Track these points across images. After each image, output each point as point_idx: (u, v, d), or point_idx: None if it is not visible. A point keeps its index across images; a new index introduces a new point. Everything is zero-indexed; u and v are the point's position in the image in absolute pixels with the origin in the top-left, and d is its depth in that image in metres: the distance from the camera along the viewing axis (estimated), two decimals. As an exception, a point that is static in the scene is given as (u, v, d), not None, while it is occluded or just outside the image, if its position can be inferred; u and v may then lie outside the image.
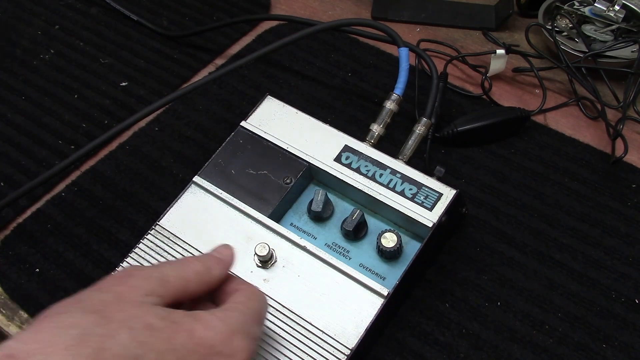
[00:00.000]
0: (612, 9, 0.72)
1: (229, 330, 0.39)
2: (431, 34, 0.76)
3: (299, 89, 0.69)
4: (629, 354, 0.49)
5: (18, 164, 0.64)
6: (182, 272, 0.41)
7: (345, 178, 0.52)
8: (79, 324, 0.35)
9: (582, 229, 0.57)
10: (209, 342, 0.38)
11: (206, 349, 0.37)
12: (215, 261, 0.43)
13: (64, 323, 0.35)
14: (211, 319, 0.39)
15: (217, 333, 0.38)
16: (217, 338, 0.38)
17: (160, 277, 0.40)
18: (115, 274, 0.40)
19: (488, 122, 0.62)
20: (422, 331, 0.51)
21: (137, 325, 0.36)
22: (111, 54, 0.75)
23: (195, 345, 0.37)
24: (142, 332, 0.36)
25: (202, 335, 0.38)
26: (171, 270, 0.41)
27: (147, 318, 0.36)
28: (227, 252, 0.45)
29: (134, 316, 0.36)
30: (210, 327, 0.38)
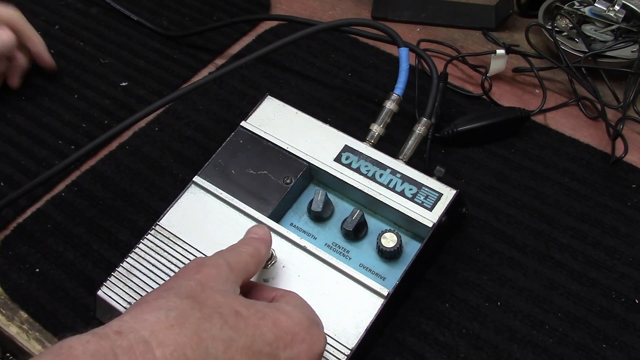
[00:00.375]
0: (612, 9, 0.72)
1: (308, 320, 0.42)
2: (431, 34, 0.76)
3: (299, 89, 0.69)
4: (629, 354, 0.49)
5: (18, 164, 0.64)
6: (241, 257, 0.44)
7: (345, 178, 0.52)
8: (177, 307, 0.37)
9: (582, 229, 0.57)
10: (292, 329, 0.40)
11: (290, 336, 0.40)
12: (259, 241, 0.46)
13: (164, 306, 0.37)
14: (291, 310, 0.42)
15: (299, 322, 0.41)
16: (299, 327, 0.41)
17: (226, 264, 0.42)
18: (188, 264, 0.43)
19: (488, 122, 0.62)
20: (422, 331, 0.51)
21: (227, 311, 0.38)
22: (111, 54, 0.75)
23: (281, 332, 0.40)
24: (232, 317, 0.38)
25: (286, 323, 0.40)
26: (232, 257, 0.43)
27: (234, 305, 0.39)
28: (264, 232, 0.48)
29: (222, 303, 0.39)
30: (292, 317, 0.41)
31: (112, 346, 0.34)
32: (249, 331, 0.38)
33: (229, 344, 0.37)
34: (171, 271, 0.50)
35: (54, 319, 0.53)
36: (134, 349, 0.34)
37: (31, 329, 0.53)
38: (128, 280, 0.50)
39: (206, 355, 0.36)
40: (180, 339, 0.35)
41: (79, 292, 0.54)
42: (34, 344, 0.52)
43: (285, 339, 0.40)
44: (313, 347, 0.41)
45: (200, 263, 0.42)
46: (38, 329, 0.53)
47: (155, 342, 0.35)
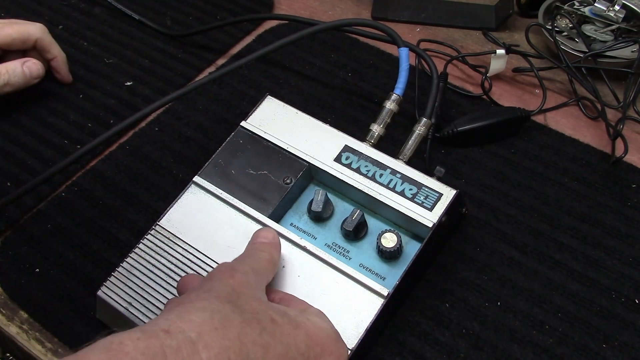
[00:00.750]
0: (612, 9, 0.72)
1: (335, 333, 0.43)
2: (431, 34, 0.76)
3: (299, 89, 0.69)
4: (629, 354, 0.49)
5: (24, 163, 0.64)
6: (261, 263, 0.45)
7: (345, 178, 0.52)
8: (220, 310, 0.38)
9: (582, 229, 0.57)
10: (322, 341, 0.42)
11: (320, 348, 0.41)
12: (271, 247, 0.47)
13: (207, 307, 0.38)
14: (319, 321, 0.43)
15: (327, 335, 0.43)
16: (328, 339, 0.42)
17: (252, 270, 0.43)
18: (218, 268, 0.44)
19: (488, 122, 0.62)
20: (422, 331, 0.51)
21: (264, 318, 0.39)
22: (115, 53, 0.75)
23: (312, 343, 0.41)
24: (269, 324, 0.39)
25: (317, 334, 0.42)
26: (254, 263, 0.44)
27: (269, 313, 0.40)
28: (272, 235, 0.48)
29: (259, 310, 0.40)
30: (321, 328, 0.43)
31: (162, 345, 0.34)
32: (284, 339, 0.39)
33: (266, 350, 0.38)
34: (171, 271, 0.50)
35: (54, 319, 0.53)
36: (181, 349, 0.35)
37: (31, 329, 0.53)
38: (128, 280, 0.51)
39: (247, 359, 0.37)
40: (224, 342, 0.36)
41: (79, 292, 0.54)
42: (34, 344, 0.52)
43: (316, 350, 0.41)
44: (340, 358, 0.42)
45: (230, 268, 0.43)
46: (38, 329, 0.53)
47: (202, 344, 0.35)
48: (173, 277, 0.50)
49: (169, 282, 0.50)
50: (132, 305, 0.50)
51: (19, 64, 0.65)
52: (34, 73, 0.66)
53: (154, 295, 0.50)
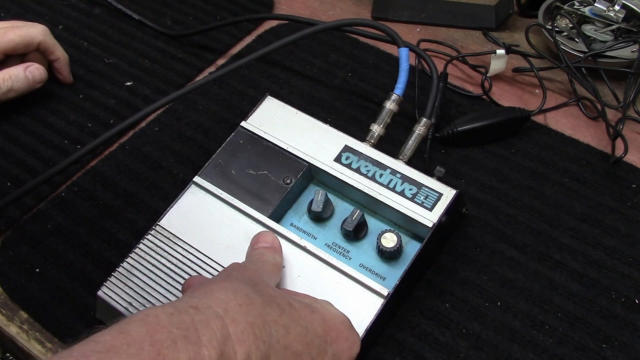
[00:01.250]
0: (612, 9, 0.72)
1: (347, 320, 0.45)
2: (431, 34, 0.76)
3: (299, 89, 0.69)
4: (629, 354, 0.49)
5: (24, 163, 0.64)
6: (267, 267, 0.46)
7: (345, 178, 0.52)
8: (242, 290, 0.39)
9: (582, 229, 0.57)
10: (338, 327, 0.43)
11: (336, 333, 0.43)
12: (273, 250, 0.48)
13: (230, 287, 0.39)
14: (333, 309, 0.45)
15: (342, 321, 0.44)
16: (343, 325, 0.44)
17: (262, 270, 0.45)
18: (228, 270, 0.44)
19: (488, 122, 0.62)
20: (422, 331, 0.51)
21: (282, 302, 0.41)
22: (115, 53, 0.75)
23: (328, 327, 0.42)
24: (287, 307, 0.41)
25: (333, 320, 0.43)
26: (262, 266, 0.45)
27: (287, 299, 0.42)
28: (271, 239, 0.49)
29: (277, 294, 0.41)
30: (336, 315, 0.44)
31: (192, 320, 0.36)
32: (302, 322, 0.40)
33: (287, 330, 0.39)
34: (171, 271, 0.50)
35: (54, 319, 0.53)
36: (210, 323, 0.36)
37: (31, 329, 0.53)
38: (128, 281, 0.51)
39: (270, 337, 0.38)
40: (249, 318, 0.38)
41: (79, 292, 0.54)
42: (34, 344, 0.52)
43: (332, 335, 0.42)
44: (353, 346, 0.44)
45: (242, 267, 0.44)
46: (38, 329, 0.53)
47: (229, 319, 0.37)
48: (173, 277, 0.50)
49: (169, 282, 0.50)
50: (132, 305, 0.50)
51: (21, 69, 0.65)
52: (36, 78, 0.66)
53: (154, 296, 0.50)
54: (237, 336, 0.36)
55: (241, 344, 0.36)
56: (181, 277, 0.50)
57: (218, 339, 0.36)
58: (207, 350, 0.35)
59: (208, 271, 0.50)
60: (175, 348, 0.34)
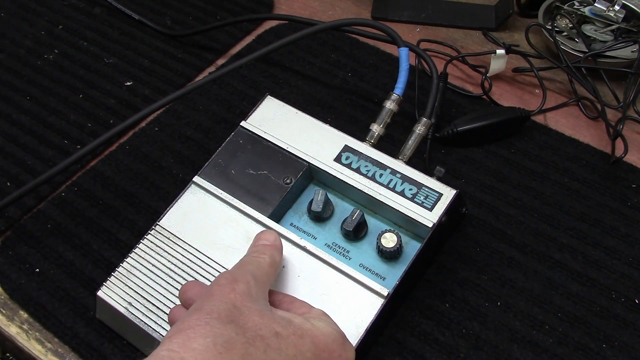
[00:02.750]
0: (612, 9, 0.72)
1: (341, 336, 0.43)
2: (431, 34, 0.76)
3: (299, 89, 0.69)
4: (629, 354, 0.49)
5: (24, 163, 0.64)
6: (262, 268, 0.45)
7: (345, 178, 0.52)
8: (222, 334, 0.37)
9: (582, 229, 0.57)
10: (329, 346, 0.42)
11: (328, 353, 0.41)
12: (273, 249, 0.47)
13: (209, 333, 0.37)
14: (325, 326, 0.43)
15: (334, 339, 0.42)
16: (335, 344, 0.42)
17: (253, 278, 0.43)
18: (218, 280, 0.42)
19: (488, 122, 0.62)
20: (422, 331, 0.51)
21: (267, 333, 0.39)
22: (115, 53, 0.75)
23: (319, 350, 0.41)
24: (273, 339, 0.39)
25: (323, 341, 0.41)
26: (255, 270, 0.44)
27: (273, 326, 0.40)
28: (274, 237, 0.48)
29: (262, 325, 0.39)
30: (327, 334, 0.42)
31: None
32: (290, 351, 0.39)
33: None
34: (171, 271, 0.50)
35: (54, 319, 0.53)
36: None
37: (31, 329, 0.53)
38: (128, 281, 0.51)
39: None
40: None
41: (79, 292, 0.54)
42: (34, 344, 0.52)
43: (323, 356, 0.41)
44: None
45: (230, 279, 0.42)
46: (38, 329, 0.53)
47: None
48: (173, 277, 0.50)
49: (169, 282, 0.50)
50: (132, 305, 0.50)
51: None
52: None
53: (154, 296, 0.50)
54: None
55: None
56: (181, 277, 0.50)
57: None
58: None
59: (208, 271, 0.50)
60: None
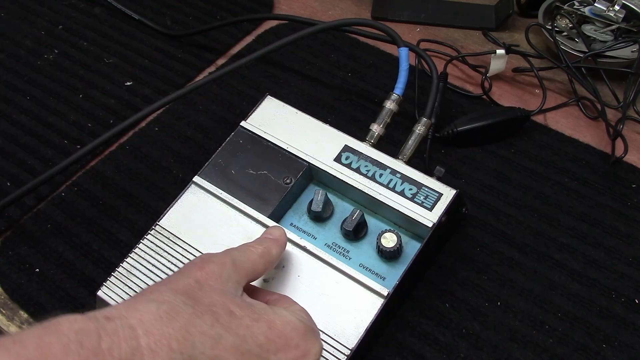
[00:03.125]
0: (612, 9, 0.72)
1: (304, 326, 0.41)
2: (431, 34, 0.76)
3: (299, 89, 0.69)
4: (629, 354, 0.49)
5: (24, 163, 0.64)
6: (249, 256, 0.44)
7: (345, 178, 0.52)
8: (170, 301, 0.38)
9: (582, 229, 0.57)
10: (286, 334, 0.40)
11: (285, 341, 0.40)
12: (272, 242, 0.47)
13: (157, 298, 0.38)
14: (288, 315, 0.42)
15: (294, 328, 0.41)
16: (294, 332, 0.41)
17: (232, 262, 0.42)
18: (194, 260, 0.43)
19: (488, 122, 0.62)
20: (422, 331, 0.51)
21: (221, 310, 0.39)
22: (115, 53, 0.75)
23: (274, 335, 0.40)
24: (226, 316, 0.38)
25: (281, 327, 0.40)
26: (240, 255, 0.44)
27: (229, 305, 0.39)
28: (279, 233, 0.48)
29: (218, 302, 0.39)
30: (288, 322, 0.41)
31: (98, 327, 0.34)
32: (240, 331, 0.38)
33: (217, 341, 0.37)
34: (171, 271, 0.50)
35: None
36: (118, 332, 0.34)
37: (31, 329, 0.53)
38: (128, 281, 0.50)
39: (192, 349, 0.36)
40: (167, 330, 0.36)
41: (79, 292, 0.54)
42: (34, 344, 0.52)
43: (278, 343, 0.40)
44: (307, 354, 0.41)
45: (205, 259, 0.42)
46: (38, 329, 0.53)
47: (142, 330, 0.35)
48: (173, 277, 0.50)
49: (169, 282, 0.50)
50: (132, 305, 0.50)
51: None
52: None
53: (154, 295, 0.50)
54: (149, 348, 0.35)
55: (152, 355, 0.34)
56: (181, 277, 0.50)
57: (122, 348, 0.34)
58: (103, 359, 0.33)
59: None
60: (65, 352, 0.32)
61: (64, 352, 0.33)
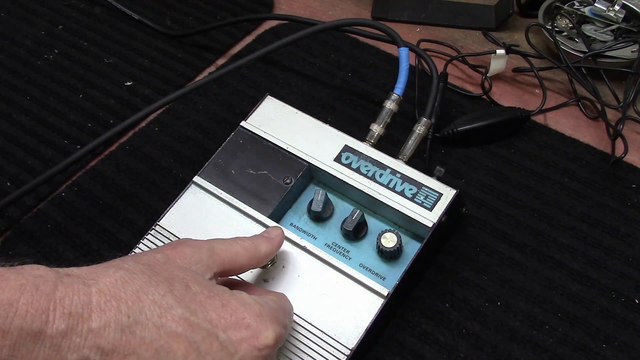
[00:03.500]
0: (612, 9, 0.72)
1: (261, 309, 0.41)
2: (431, 34, 0.76)
3: (299, 89, 0.69)
4: (629, 354, 0.49)
5: (24, 163, 0.64)
6: (231, 247, 0.44)
7: (345, 178, 0.52)
8: (129, 269, 0.39)
9: (582, 229, 0.57)
10: (240, 313, 0.40)
11: (236, 319, 0.40)
12: (263, 239, 0.47)
13: (117, 265, 0.39)
14: (247, 297, 0.41)
15: (249, 309, 0.40)
16: (247, 313, 0.40)
17: (209, 247, 0.43)
18: (171, 241, 0.44)
19: (488, 122, 0.62)
20: (422, 331, 0.51)
21: (178, 284, 0.39)
22: (115, 53, 0.75)
23: (225, 313, 0.39)
24: (180, 290, 0.39)
25: (234, 307, 0.40)
26: (220, 244, 0.44)
27: (187, 281, 0.40)
28: (276, 232, 0.48)
29: (177, 277, 0.40)
30: (245, 303, 0.41)
31: (56, 278, 0.36)
32: (192, 305, 0.39)
33: (166, 310, 0.38)
34: (171, 271, 0.50)
35: (54, 319, 0.53)
36: (74, 287, 0.36)
37: (31, 329, 0.53)
38: (128, 280, 0.50)
39: (139, 314, 0.37)
40: (119, 293, 0.37)
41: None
42: (34, 344, 0.52)
43: (228, 320, 0.39)
44: (258, 335, 0.40)
45: (181, 242, 0.43)
46: (38, 329, 0.53)
47: (95, 289, 0.36)
48: (173, 277, 0.50)
49: (169, 282, 0.50)
50: (132, 305, 0.50)
51: None
52: None
53: (154, 295, 0.50)
54: (98, 305, 0.36)
55: (100, 313, 0.36)
56: (181, 277, 0.50)
57: (73, 300, 0.35)
58: (54, 305, 0.34)
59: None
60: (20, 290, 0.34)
61: (19, 289, 0.34)
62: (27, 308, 0.34)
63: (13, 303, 0.34)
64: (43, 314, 0.34)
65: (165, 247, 0.43)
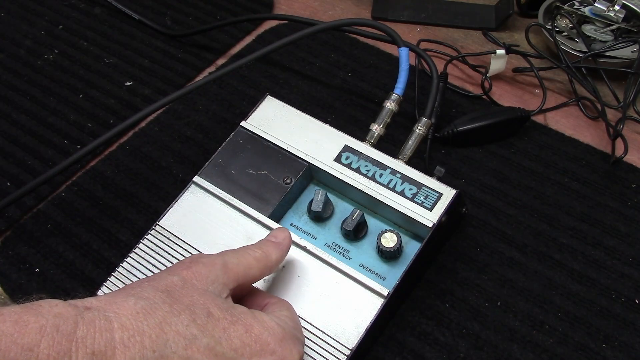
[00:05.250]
0: (612, 9, 0.72)
1: (283, 332, 0.41)
2: (431, 34, 0.76)
3: (299, 89, 0.69)
4: (629, 354, 0.49)
5: (24, 163, 0.64)
6: (243, 259, 0.44)
7: (345, 178, 0.52)
8: (149, 298, 0.38)
9: (582, 229, 0.57)
10: (264, 339, 0.40)
11: (260, 346, 0.40)
12: (272, 246, 0.46)
13: (136, 294, 0.38)
14: (269, 320, 0.41)
15: (272, 333, 0.41)
16: (271, 338, 0.40)
17: (222, 264, 0.42)
18: (184, 259, 0.43)
19: (488, 122, 0.62)
20: (422, 331, 0.51)
21: (199, 311, 0.39)
22: (115, 53, 0.75)
23: (250, 340, 0.40)
24: (203, 317, 0.38)
25: (258, 332, 0.40)
26: (233, 258, 0.43)
27: (208, 306, 0.39)
28: (283, 236, 0.48)
29: (198, 303, 0.39)
30: (268, 327, 0.40)
31: (76, 315, 0.35)
32: (215, 333, 0.38)
33: (191, 341, 0.37)
34: (171, 271, 0.50)
35: (54, 319, 0.53)
36: (95, 323, 0.35)
37: (31, 329, 0.53)
38: (128, 281, 0.50)
39: (164, 347, 0.36)
40: (142, 327, 0.36)
41: (79, 292, 0.54)
42: (34, 344, 0.52)
43: (253, 347, 0.39)
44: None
45: (194, 260, 0.42)
46: (38, 329, 0.53)
47: (117, 324, 0.36)
48: (173, 277, 0.50)
49: (169, 282, 0.50)
50: (132, 305, 0.50)
51: None
52: None
53: (154, 295, 0.50)
54: (122, 341, 0.35)
55: (124, 350, 0.35)
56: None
57: (95, 338, 0.34)
58: (76, 345, 0.33)
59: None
60: (40, 333, 0.33)
61: (40, 332, 0.33)
62: (48, 352, 0.33)
63: (34, 348, 0.33)
64: (65, 356, 0.33)
65: (179, 266, 0.42)
